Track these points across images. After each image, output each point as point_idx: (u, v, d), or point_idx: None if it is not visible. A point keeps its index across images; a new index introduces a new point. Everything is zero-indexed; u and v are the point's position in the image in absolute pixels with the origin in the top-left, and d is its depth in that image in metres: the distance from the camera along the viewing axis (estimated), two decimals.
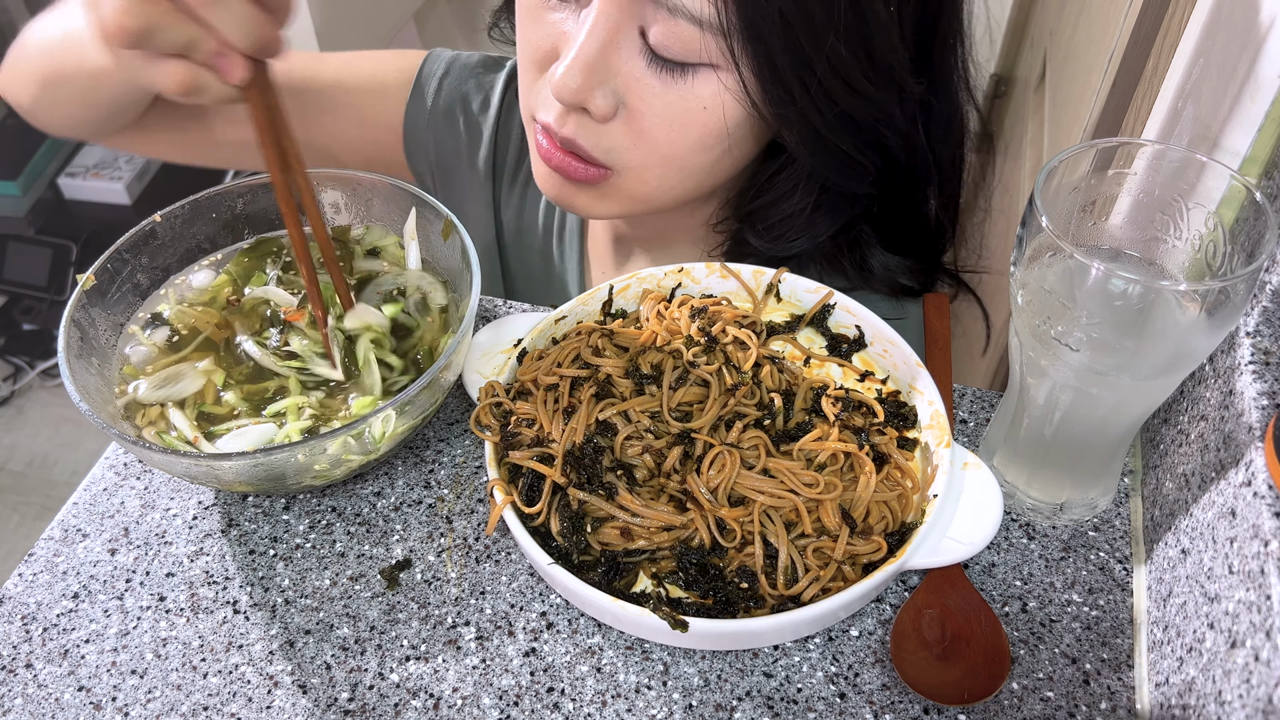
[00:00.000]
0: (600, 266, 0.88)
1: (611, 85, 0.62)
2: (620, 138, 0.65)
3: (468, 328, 0.58)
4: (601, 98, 0.62)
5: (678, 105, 0.63)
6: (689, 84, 0.62)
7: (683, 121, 0.63)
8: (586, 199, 0.70)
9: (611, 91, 0.62)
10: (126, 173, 2.12)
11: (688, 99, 0.62)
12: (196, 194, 0.67)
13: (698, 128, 0.64)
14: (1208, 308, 0.46)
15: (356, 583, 0.57)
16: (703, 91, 0.62)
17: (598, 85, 0.62)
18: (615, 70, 0.62)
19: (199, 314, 0.65)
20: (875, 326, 0.62)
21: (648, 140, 0.65)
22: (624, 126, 0.64)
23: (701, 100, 0.62)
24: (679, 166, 0.67)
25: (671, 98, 0.62)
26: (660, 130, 0.64)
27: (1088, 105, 0.89)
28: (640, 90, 0.62)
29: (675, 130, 0.64)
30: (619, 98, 0.63)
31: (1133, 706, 0.51)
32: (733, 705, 0.52)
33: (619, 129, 0.64)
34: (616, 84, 0.62)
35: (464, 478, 0.62)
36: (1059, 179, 0.50)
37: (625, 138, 0.65)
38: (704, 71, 0.61)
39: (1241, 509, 0.46)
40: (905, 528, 0.54)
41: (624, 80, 0.62)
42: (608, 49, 0.61)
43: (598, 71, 0.61)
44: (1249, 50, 0.52)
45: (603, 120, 0.64)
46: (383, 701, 0.52)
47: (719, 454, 0.53)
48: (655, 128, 0.64)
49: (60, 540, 0.60)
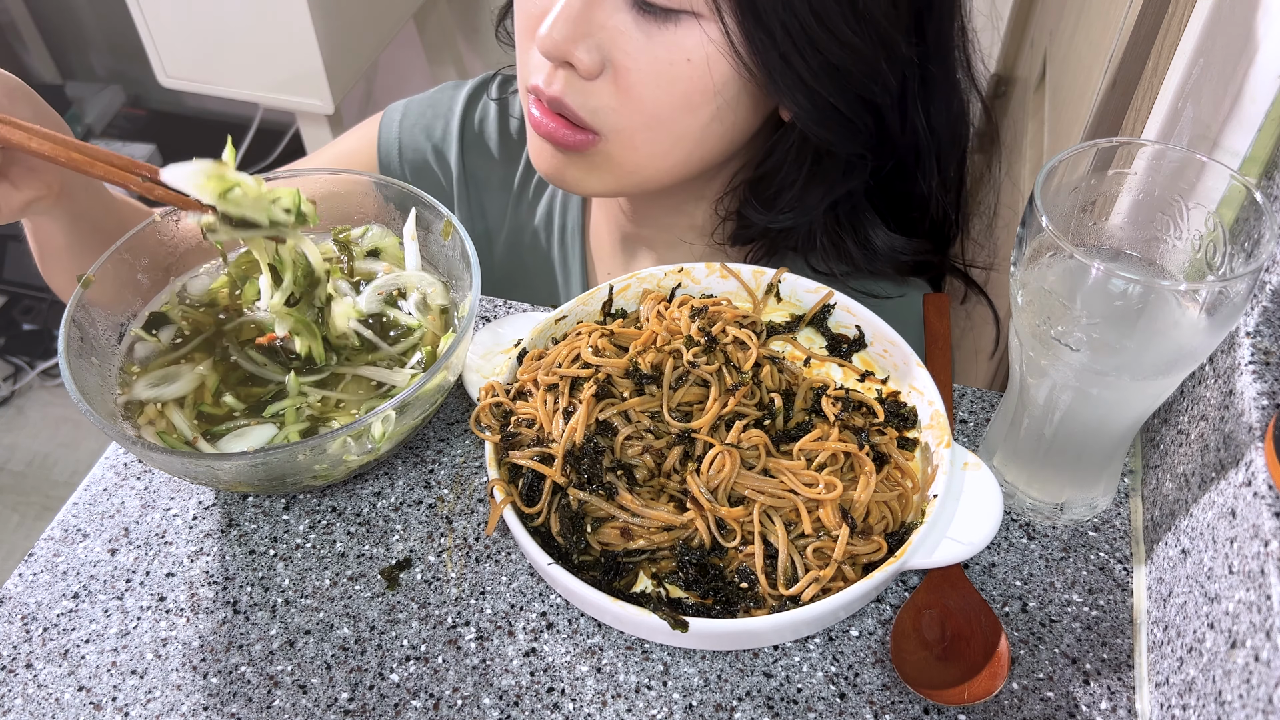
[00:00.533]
0: (605, 266, 0.88)
1: (596, 39, 0.63)
2: (607, 97, 0.65)
3: (468, 328, 0.58)
4: (586, 52, 0.63)
5: (663, 59, 0.63)
6: (673, 35, 0.62)
7: (668, 76, 0.64)
8: (578, 171, 0.70)
9: (596, 46, 0.63)
10: None
11: (672, 51, 0.63)
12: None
13: (683, 83, 0.64)
14: (1208, 308, 0.46)
15: (356, 583, 0.57)
16: (686, 42, 0.62)
17: (582, 38, 0.62)
18: (600, 24, 0.62)
19: (200, 314, 0.65)
20: (875, 326, 0.62)
21: (634, 98, 0.65)
22: (610, 85, 0.65)
23: (686, 52, 0.63)
24: (667, 129, 0.67)
25: (657, 51, 0.63)
26: (646, 87, 0.64)
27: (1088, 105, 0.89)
28: (625, 44, 0.63)
29: (661, 87, 0.64)
30: (604, 53, 0.63)
31: (1133, 706, 0.51)
32: (733, 705, 0.52)
33: (605, 88, 0.65)
34: (601, 39, 0.63)
35: (464, 478, 0.62)
36: (1059, 179, 0.50)
37: (612, 97, 0.65)
38: (687, 22, 0.62)
39: (1241, 509, 0.46)
40: (905, 528, 0.54)
41: (609, 34, 0.63)
42: (591, 2, 0.62)
43: (581, 24, 0.62)
44: (1249, 50, 0.52)
45: (589, 76, 0.64)
46: (383, 701, 0.52)
47: (719, 454, 0.53)
48: (641, 84, 0.64)
49: (60, 540, 0.60)
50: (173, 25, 1.53)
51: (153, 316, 0.65)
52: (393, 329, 0.64)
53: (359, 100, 2.05)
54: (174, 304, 0.65)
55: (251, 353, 0.63)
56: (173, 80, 1.62)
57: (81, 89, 2.22)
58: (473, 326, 0.59)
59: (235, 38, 1.51)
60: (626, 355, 0.58)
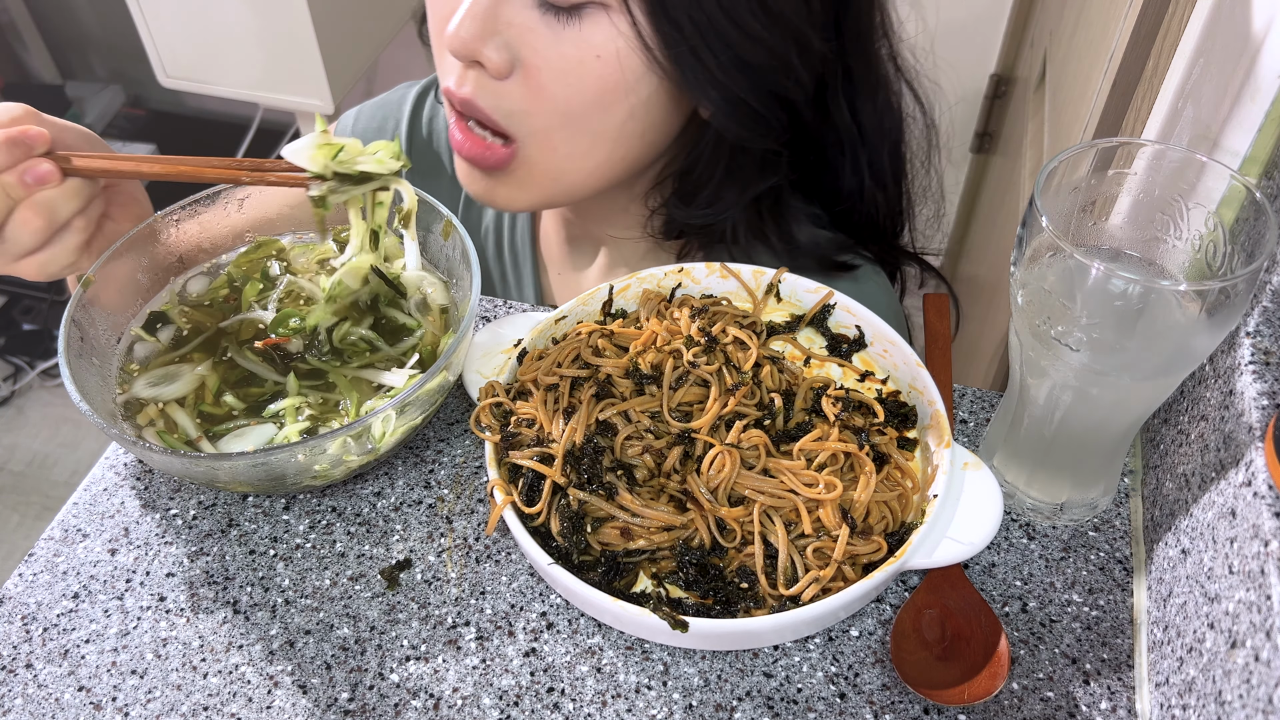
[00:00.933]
0: (555, 267, 0.88)
1: (505, 38, 0.62)
2: (518, 99, 0.64)
3: (468, 328, 0.58)
4: (495, 50, 0.62)
5: (571, 55, 0.62)
6: (580, 31, 0.62)
7: (578, 73, 0.63)
8: (506, 190, 0.70)
9: (505, 44, 0.62)
10: None
11: (581, 48, 0.62)
12: (196, 194, 0.67)
13: (594, 79, 0.63)
14: (1208, 308, 0.46)
15: (356, 583, 0.57)
16: (595, 38, 0.62)
17: (490, 36, 0.62)
18: (507, 21, 0.62)
19: (200, 314, 0.65)
20: (875, 326, 0.62)
21: (546, 97, 0.64)
22: (521, 86, 0.64)
23: (594, 48, 0.62)
24: (582, 128, 0.66)
25: (565, 49, 0.62)
26: (557, 84, 0.63)
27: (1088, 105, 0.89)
28: (533, 41, 0.62)
29: (572, 84, 0.63)
30: (513, 52, 0.63)
31: (1133, 706, 0.51)
32: (733, 705, 0.52)
33: (517, 89, 0.64)
34: (510, 36, 0.62)
35: (464, 478, 0.62)
36: (1059, 179, 0.50)
37: (523, 99, 0.64)
38: (594, 15, 0.61)
39: (1241, 509, 0.46)
40: (905, 528, 0.54)
41: (516, 32, 0.62)
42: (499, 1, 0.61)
43: (488, 21, 0.61)
44: (1249, 50, 0.52)
45: (499, 76, 0.63)
46: (383, 701, 0.52)
47: (719, 454, 0.53)
48: (552, 82, 0.63)
49: (60, 540, 0.60)
50: (173, 25, 1.53)
51: (153, 316, 0.65)
52: (392, 329, 0.64)
53: (359, 100, 2.05)
54: (174, 304, 0.66)
55: (250, 353, 0.63)
56: (173, 80, 1.62)
57: (81, 89, 2.22)
58: (473, 326, 0.59)
59: (235, 38, 1.51)
60: (626, 355, 0.58)
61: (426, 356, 0.62)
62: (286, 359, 0.62)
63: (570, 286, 0.87)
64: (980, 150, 1.79)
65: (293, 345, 0.62)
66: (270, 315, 0.65)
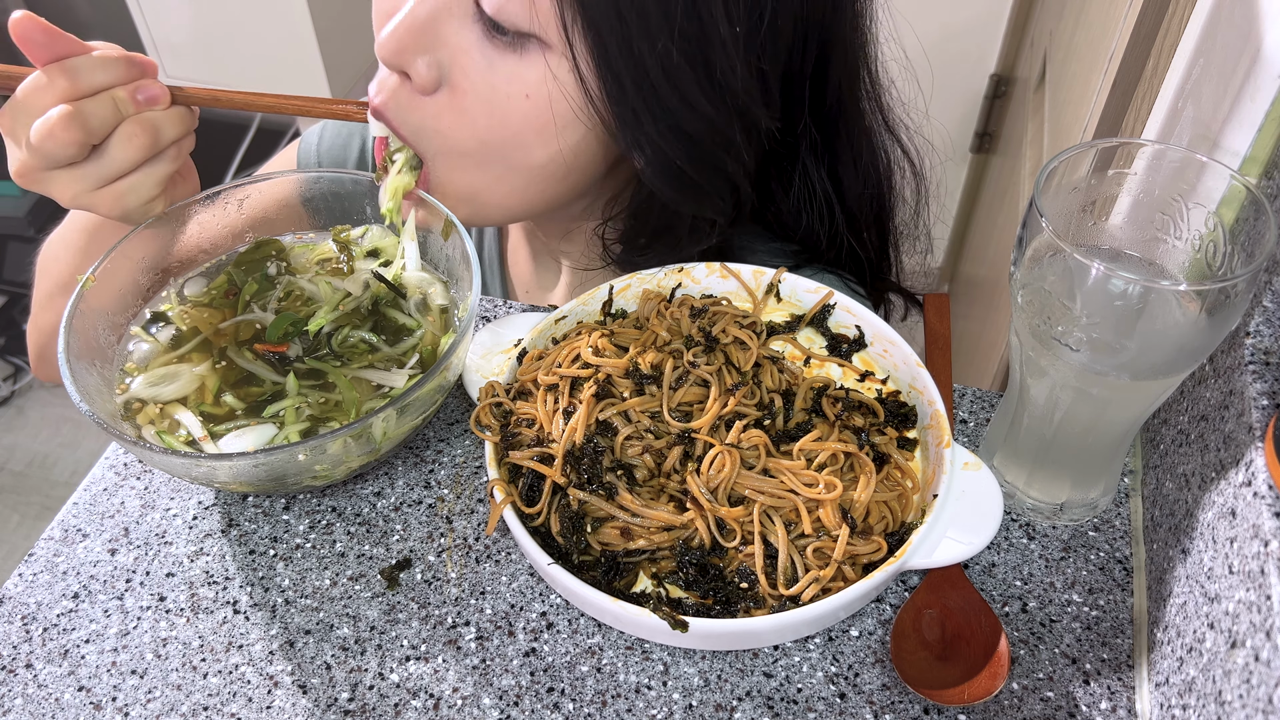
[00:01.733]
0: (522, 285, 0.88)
1: (437, 55, 0.60)
2: (434, 117, 0.63)
3: (468, 328, 0.58)
4: (425, 66, 0.60)
5: (501, 88, 0.60)
6: (516, 65, 0.60)
7: (504, 107, 0.61)
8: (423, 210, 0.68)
9: (437, 62, 0.61)
10: None
11: (511, 82, 0.60)
12: (196, 194, 0.67)
13: (519, 116, 0.61)
14: (1208, 308, 0.46)
15: (356, 583, 0.57)
16: (528, 75, 0.60)
17: (422, 51, 0.60)
18: (444, 40, 0.60)
19: (199, 314, 0.65)
20: (875, 326, 0.62)
21: (465, 122, 0.62)
22: (443, 106, 0.62)
23: (526, 85, 0.60)
24: (495, 160, 0.64)
25: (496, 79, 0.60)
26: (479, 112, 0.61)
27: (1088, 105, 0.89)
28: (466, 64, 0.60)
29: (495, 115, 0.61)
30: (443, 71, 0.61)
31: (1133, 706, 0.51)
32: (733, 705, 0.52)
33: (437, 108, 0.62)
34: (443, 55, 0.60)
35: (464, 478, 0.62)
36: (1059, 179, 0.50)
37: (440, 119, 0.63)
38: (533, 52, 0.59)
39: (1241, 509, 0.46)
40: (905, 528, 0.54)
41: (450, 52, 0.60)
42: (439, 14, 0.59)
43: (425, 35, 0.60)
44: (1249, 50, 0.52)
45: (423, 91, 0.62)
46: (383, 701, 0.52)
47: (719, 454, 0.53)
48: (474, 107, 0.61)
49: (60, 540, 0.60)
50: (173, 25, 1.54)
51: (153, 316, 0.65)
52: (392, 329, 0.64)
53: None
54: (174, 304, 0.65)
55: (250, 354, 0.63)
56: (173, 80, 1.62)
57: None
58: (473, 326, 0.59)
59: (235, 38, 1.51)
60: (626, 355, 0.58)
61: (426, 357, 0.62)
62: (285, 359, 0.62)
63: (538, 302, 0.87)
64: (980, 150, 1.79)
65: (291, 351, 0.62)
66: (270, 316, 0.65)
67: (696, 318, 0.61)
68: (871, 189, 0.74)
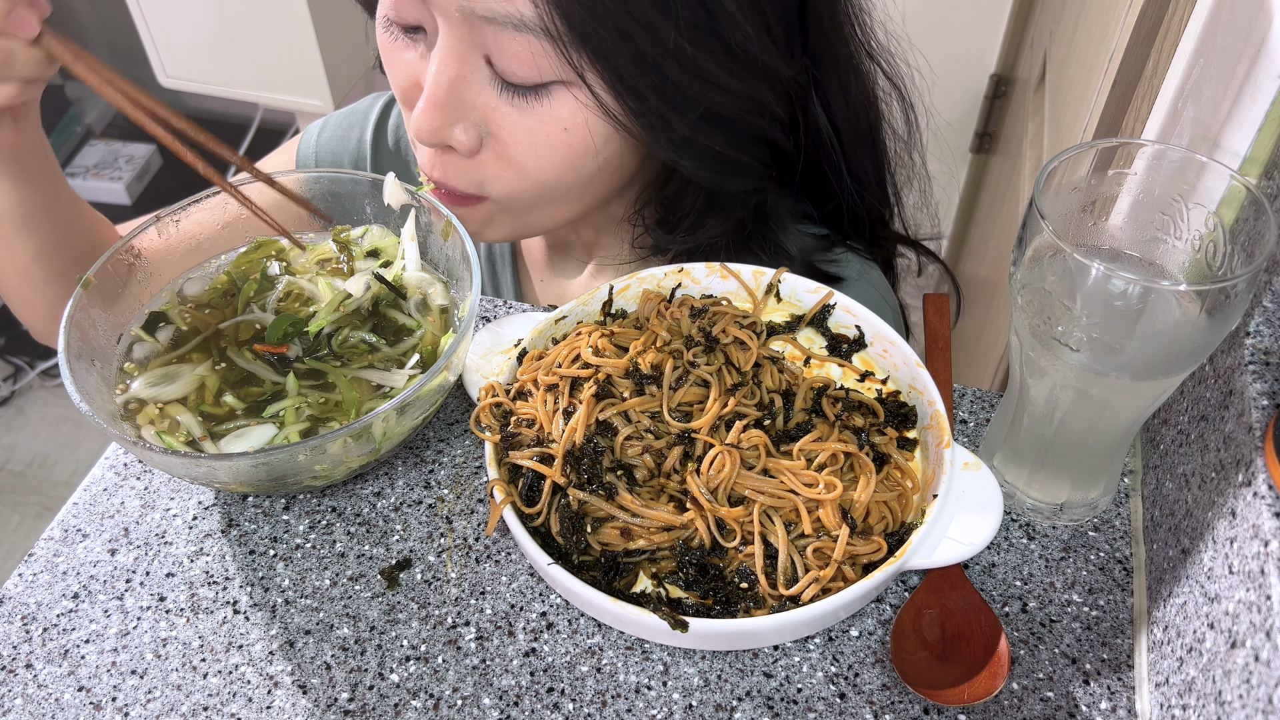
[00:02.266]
0: (539, 274, 0.88)
1: (471, 119, 0.62)
2: (489, 167, 0.65)
3: (468, 328, 0.58)
4: (463, 132, 0.62)
5: (539, 131, 0.62)
6: (546, 106, 0.61)
7: (547, 146, 0.62)
8: (475, 225, 0.70)
9: (472, 125, 0.62)
10: (126, 173, 2.12)
11: (547, 123, 0.61)
12: (196, 194, 0.67)
13: (563, 149, 0.63)
14: (1208, 308, 0.46)
15: (356, 583, 0.57)
16: (560, 112, 0.61)
17: (455, 121, 0.62)
18: (470, 104, 0.61)
19: (199, 314, 0.65)
20: (875, 326, 0.62)
21: (515, 167, 0.64)
22: (492, 156, 0.64)
23: (561, 122, 0.61)
24: (553, 188, 0.66)
25: (531, 124, 0.62)
26: (526, 156, 0.63)
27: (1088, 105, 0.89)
28: (499, 119, 0.62)
29: (541, 154, 0.63)
30: (481, 130, 0.63)
31: (1133, 706, 0.51)
32: (733, 705, 0.52)
33: (488, 160, 0.64)
34: (475, 117, 0.62)
35: (464, 478, 0.62)
36: (1059, 179, 0.50)
37: (494, 167, 0.65)
38: (558, 91, 0.60)
39: (1241, 509, 0.46)
40: (905, 528, 0.54)
41: (481, 112, 0.62)
42: (458, 85, 0.60)
43: (452, 108, 0.61)
44: (1249, 50, 0.52)
45: (469, 154, 0.64)
46: (383, 701, 0.52)
47: (719, 454, 0.53)
48: (521, 154, 0.63)
49: (60, 540, 0.60)
50: (173, 25, 1.53)
51: (152, 316, 0.65)
52: (393, 329, 0.64)
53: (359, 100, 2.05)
54: (174, 304, 0.65)
55: (250, 354, 0.63)
56: (173, 80, 1.62)
57: (82, 89, 2.22)
58: (473, 326, 0.59)
59: (235, 38, 1.51)
60: (626, 355, 0.58)
61: (426, 357, 0.62)
62: (285, 360, 0.62)
63: (555, 294, 0.87)
64: (980, 150, 1.79)
65: (291, 351, 0.62)
66: (269, 316, 0.65)
67: (696, 318, 0.61)
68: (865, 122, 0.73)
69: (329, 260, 0.68)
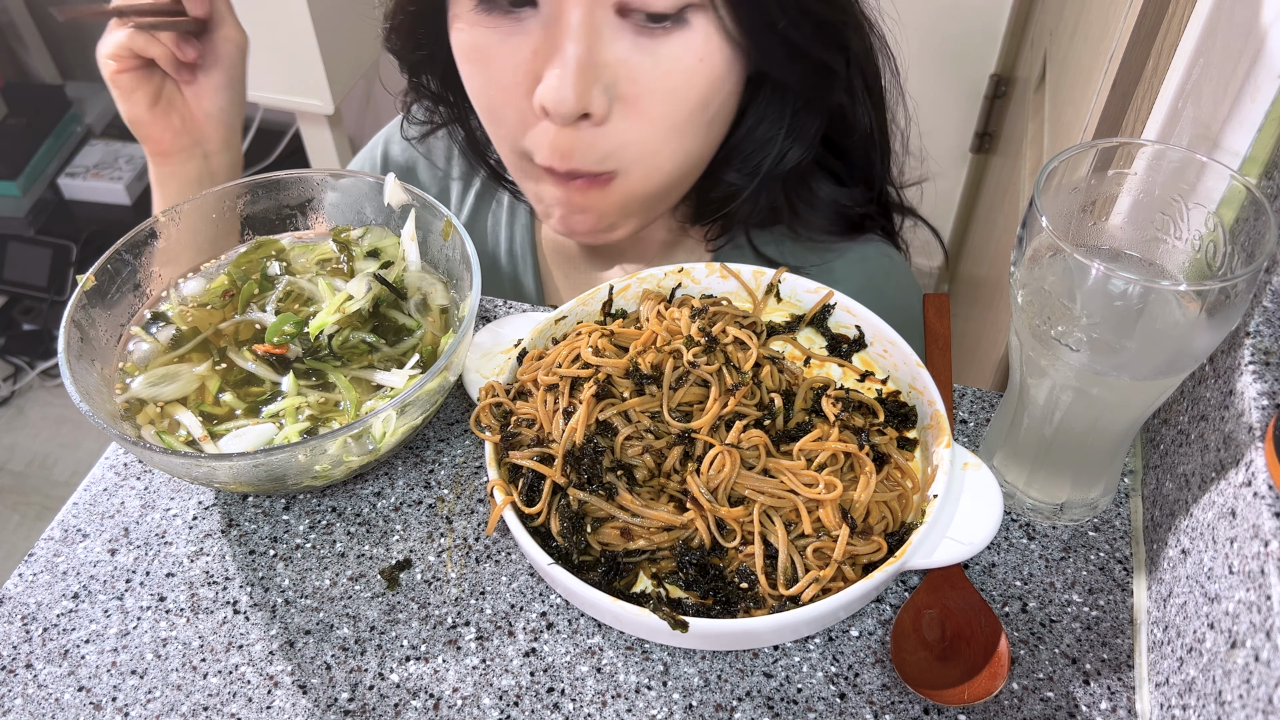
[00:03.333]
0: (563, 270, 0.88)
1: (603, 82, 0.62)
2: (620, 133, 0.64)
3: (468, 328, 0.58)
4: (599, 95, 0.62)
5: (673, 71, 0.62)
6: (681, 41, 0.61)
7: (683, 85, 0.63)
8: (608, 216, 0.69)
9: (604, 89, 0.62)
10: (126, 173, 2.12)
11: (684, 58, 0.62)
12: (196, 194, 0.67)
13: (698, 83, 0.63)
14: (1208, 308, 0.46)
15: (356, 583, 0.57)
16: (694, 42, 0.61)
17: (594, 84, 0.61)
18: (604, 62, 0.61)
19: (199, 314, 0.65)
20: (875, 326, 0.62)
21: (647, 121, 0.64)
22: (622, 118, 0.64)
23: (696, 52, 0.62)
24: (685, 135, 0.66)
25: (666, 65, 0.62)
26: (659, 104, 0.63)
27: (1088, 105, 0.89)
28: (629, 72, 0.62)
29: (676, 99, 0.63)
30: (611, 93, 0.62)
31: (1133, 706, 0.51)
32: (733, 705, 0.52)
33: (618, 124, 0.64)
34: (606, 78, 0.62)
35: (464, 478, 0.62)
36: (1059, 179, 0.50)
37: (625, 129, 0.64)
38: (694, 17, 0.61)
39: (1241, 509, 0.46)
40: (905, 528, 0.54)
41: (613, 70, 0.62)
42: (595, 44, 0.60)
43: (589, 73, 0.60)
44: (1249, 50, 0.52)
45: (600, 122, 0.63)
46: (383, 701, 0.52)
47: (719, 454, 0.53)
48: (653, 105, 0.63)
49: (60, 540, 0.60)
50: None
51: (153, 316, 0.65)
52: (393, 330, 0.64)
53: (359, 100, 2.05)
54: (174, 304, 0.65)
55: (249, 354, 0.63)
56: None
57: (81, 89, 2.22)
58: (473, 326, 0.59)
59: None
60: (626, 355, 0.58)
61: (426, 357, 0.62)
62: (285, 360, 0.62)
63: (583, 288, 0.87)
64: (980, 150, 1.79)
65: (291, 352, 0.62)
66: (270, 316, 0.65)
67: (696, 318, 0.61)
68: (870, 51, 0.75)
69: (329, 260, 0.68)
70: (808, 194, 0.75)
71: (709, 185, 0.74)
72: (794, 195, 0.75)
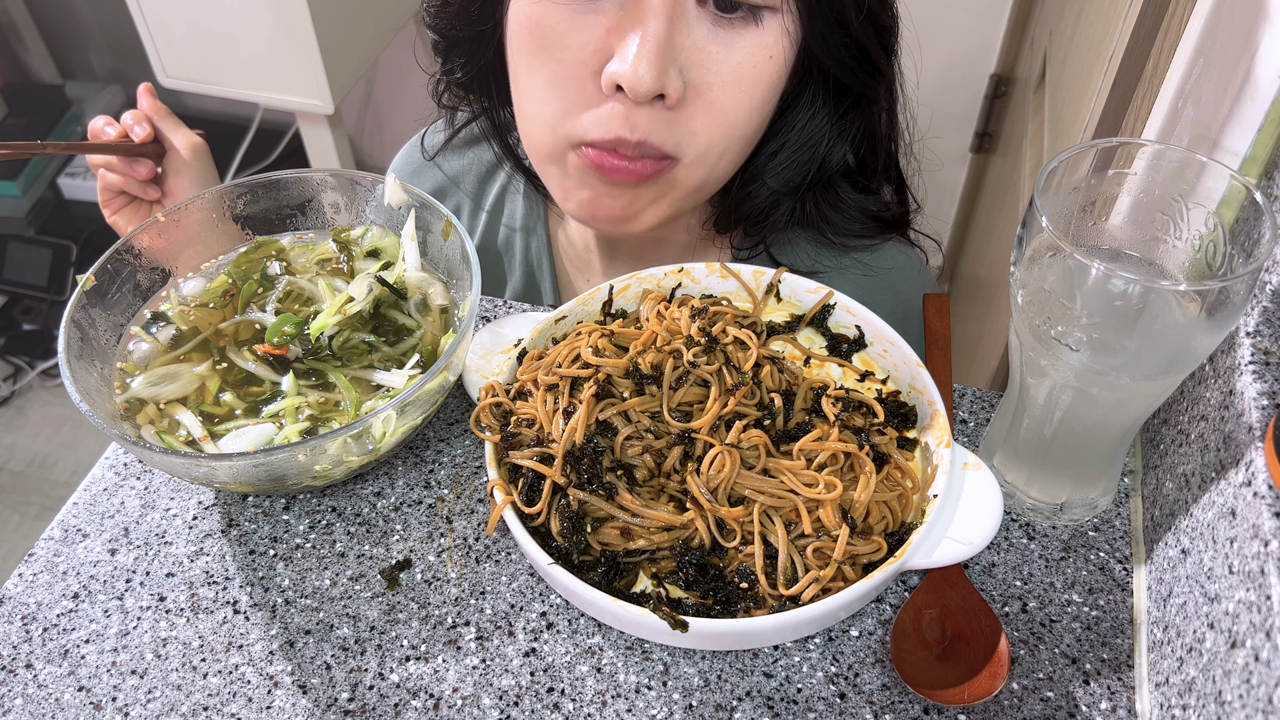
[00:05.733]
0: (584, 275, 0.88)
1: (679, 65, 0.62)
2: (690, 121, 0.65)
3: (468, 328, 0.58)
4: (675, 77, 0.62)
5: (746, 64, 0.63)
6: (756, 36, 0.62)
7: (751, 79, 0.64)
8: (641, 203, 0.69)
9: (679, 71, 0.62)
10: None
11: (756, 52, 0.63)
12: (196, 194, 0.67)
13: (764, 81, 0.64)
14: (1208, 308, 0.46)
15: (356, 583, 0.57)
16: (768, 39, 0.63)
17: (671, 64, 0.61)
18: (680, 46, 0.61)
19: (200, 314, 0.65)
20: (875, 326, 0.62)
21: (718, 112, 0.64)
22: (692, 108, 0.64)
23: (767, 49, 0.63)
24: (741, 133, 0.67)
25: (738, 58, 0.63)
26: (730, 98, 0.64)
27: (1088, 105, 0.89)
28: (705, 61, 0.62)
29: (744, 93, 0.64)
30: (685, 77, 0.63)
31: (1133, 706, 0.51)
32: (733, 705, 0.52)
33: (688, 112, 0.64)
34: (683, 62, 0.62)
35: (464, 478, 0.62)
36: (1059, 179, 0.50)
37: (696, 118, 0.64)
38: (768, 15, 0.62)
39: (1241, 509, 0.46)
40: (905, 528, 0.54)
41: (689, 55, 0.62)
42: (675, 25, 0.61)
43: (667, 53, 0.61)
44: (1249, 50, 0.52)
45: (674, 105, 0.63)
46: (383, 701, 0.52)
47: (719, 454, 0.53)
48: (724, 97, 0.64)
49: (60, 540, 0.60)
50: (173, 25, 1.53)
51: (153, 316, 0.65)
52: (393, 330, 0.64)
53: (359, 100, 2.05)
54: (174, 304, 0.65)
55: (249, 354, 0.63)
56: (173, 80, 1.62)
57: (81, 89, 2.22)
58: (473, 326, 0.59)
59: (235, 38, 1.51)
60: (626, 355, 0.58)
61: (426, 356, 0.62)
62: (285, 360, 0.62)
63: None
64: (980, 150, 1.79)
65: (291, 352, 0.62)
66: (270, 316, 0.65)
67: (696, 317, 0.61)
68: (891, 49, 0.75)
69: (329, 260, 0.68)
70: (834, 198, 0.76)
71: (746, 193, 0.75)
72: (822, 200, 0.76)
